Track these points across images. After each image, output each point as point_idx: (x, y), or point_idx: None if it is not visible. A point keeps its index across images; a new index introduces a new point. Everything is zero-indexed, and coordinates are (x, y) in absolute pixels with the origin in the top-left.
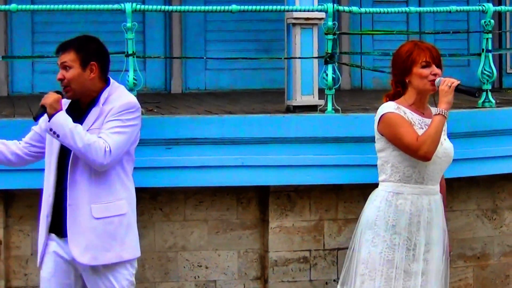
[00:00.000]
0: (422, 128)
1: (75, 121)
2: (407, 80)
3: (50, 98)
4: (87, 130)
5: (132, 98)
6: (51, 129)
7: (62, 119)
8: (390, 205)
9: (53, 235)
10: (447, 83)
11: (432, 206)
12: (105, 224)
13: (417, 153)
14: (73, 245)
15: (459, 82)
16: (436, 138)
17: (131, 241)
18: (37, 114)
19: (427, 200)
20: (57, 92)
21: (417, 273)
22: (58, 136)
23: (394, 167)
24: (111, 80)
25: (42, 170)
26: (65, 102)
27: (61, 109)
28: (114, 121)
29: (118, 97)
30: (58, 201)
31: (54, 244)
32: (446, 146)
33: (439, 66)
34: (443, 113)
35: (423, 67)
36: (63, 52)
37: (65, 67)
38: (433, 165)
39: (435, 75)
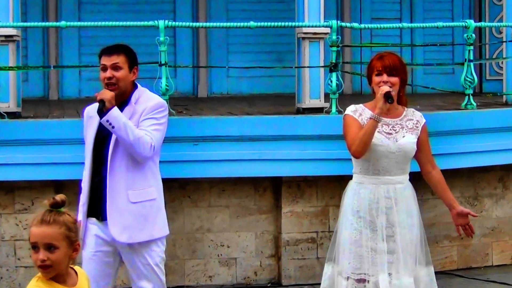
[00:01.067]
0: (378, 128)
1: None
2: (371, 86)
3: (107, 94)
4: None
5: (160, 99)
6: (107, 121)
7: (117, 113)
8: (355, 194)
9: (93, 219)
10: (380, 91)
11: (391, 194)
12: (139, 207)
13: (349, 151)
14: (112, 226)
15: (388, 90)
16: (364, 139)
17: (160, 222)
18: (99, 108)
19: (385, 189)
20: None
21: (383, 251)
22: (113, 127)
23: (356, 161)
24: (138, 84)
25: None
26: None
27: (115, 104)
28: (150, 119)
29: (148, 98)
30: (96, 189)
31: (95, 228)
32: (401, 142)
33: (394, 75)
34: (374, 118)
35: (376, 75)
36: (114, 54)
37: (116, 67)
38: (386, 159)
39: (385, 82)
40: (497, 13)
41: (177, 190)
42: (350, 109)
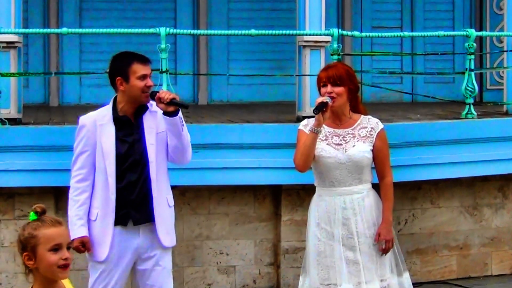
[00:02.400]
0: (327, 139)
1: (127, 122)
2: None
3: (174, 93)
4: (159, 133)
5: None
6: (181, 118)
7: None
8: (316, 206)
9: (118, 227)
10: (315, 103)
11: (347, 205)
12: (172, 212)
13: (294, 164)
14: (160, 230)
15: (320, 101)
16: (304, 152)
17: None
18: (178, 103)
19: (342, 200)
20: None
21: (347, 261)
22: (183, 124)
23: (314, 174)
24: None
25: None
26: (103, 113)
27: None
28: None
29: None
30: (118, 195)
31: (120, 236)
32: (350, 153)
33: (339, 85)
34: (314, 130)
35: (322, 86)
36: (148, 63)
37: (150, 76)
38: (338, 170)
39: (329, 93)
40: (498, 22)
41: (176, 197)
42: (302, 123)
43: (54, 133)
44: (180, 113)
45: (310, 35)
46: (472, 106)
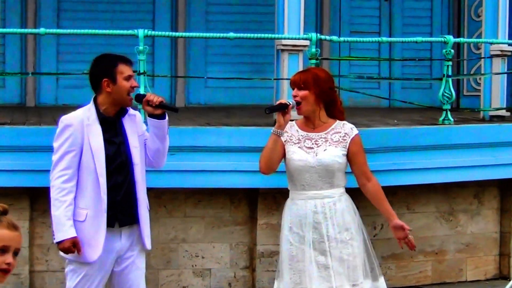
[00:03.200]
0: (299, 143)
1: (111, 123)
2: None
3: (160, 97)
4: (140, 136)
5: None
6: (168, 121)
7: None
8: (288, 210)
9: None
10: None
11: (318, 209)
12: (148, 214)
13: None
14: (144, 232)
15: (279, 102)
16: (265, 154)
17: None
18: (165, 106)
19: (313, 204)
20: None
21: (320, 265)
22: (168, 128)
23: (287, 178)
24: None
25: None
26: (86, 113)
27: None
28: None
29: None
30: (108, 197)
31: (106, 238)
32: (320, 156)
33: (303, 88)
34: (275, 132)
35: (292, 90)
36: (131, 65)
37: (134, 77)
38: (308, 174)
39: (295, 96)
40: (475, 29)
41: (152, 199)
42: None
43: (30, 134)
44: (167, 117)
45: (288, 39)
46: (449, 112)
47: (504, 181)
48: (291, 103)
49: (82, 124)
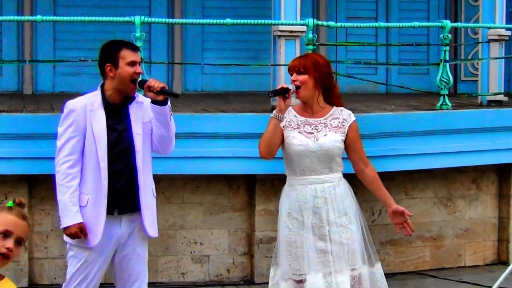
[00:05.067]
0: (299, 128)
1: (116, 109)
2: None
3: (163, 82)
4: (145, 123)
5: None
6: (169, 107)
7: (146, 99)
8: (286, 195)
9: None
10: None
11: (318, 193)
12: (155, 202)
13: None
14: (146, 220)
15: (281, 86)
16: (265, 138)
17: None
18: (167, 92)
19: (313, 189)
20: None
21: (319, 250)
22: (171, 114)
23: (285, 163)
24: None
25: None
26: (92, 99)
27: None
28: None
29: (140, 95)
30: (108, 184)
31: (105, 224)
32: (321, 141)
33: (303, 73)
34: (275, 116)
35: (291, 75)
36: (137, 51)
37: (140, 63)
38: (309, 158)
39: (294, 81)
40: (473, 14)
41: None
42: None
43: (28, 121)
44: (169, 102)
45: (285, 25)
46: (446, 97)
47: (503, 166)
48: (292, 87)
49: (85, 109)
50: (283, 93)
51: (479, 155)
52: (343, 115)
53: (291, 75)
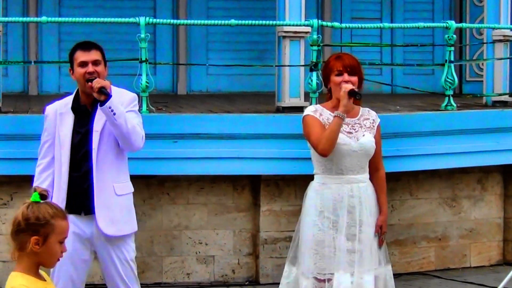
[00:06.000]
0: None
1: (85, 112)
2: (329, 86)
3: (105, 82)
4: None
5: (131, 93)
6: (110, 107)
7: (116, 100)
8: (318, 194)
9: (70, 216)
10: (343, 89)
11: (354, 193)
12: (124, 200)
13: (316, 149)
14: (100, 219)
15: (351, 88)
16: (330, 136)
17: (134, 216)
18: (106, 93)
19: (349, 188)
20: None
21: (346, 250)
22: (114, 114)
23: (318, 161)
24: None
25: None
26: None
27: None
28: (131, 113)
29: (119, 92)
30: (75, 185)
31: (72, 225)
32: (362, 141)
33: (353, 74)
34: (339, 115)
35: (337, 75)
36: (93, 50)
37: (96, 62)
38: (349, 158)
39: (346, 81)
40: (477, 15)
41: (155, 187)
42: (310, 109)
43: (33, 122)
44: (110, 103)
45: (290, 25)
46: (451, 98)
47: (507, 167)
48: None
49: (56, 113)
50: (356, 94)
51: (484, 155)
52: (371, 116)
53: (338, 74)
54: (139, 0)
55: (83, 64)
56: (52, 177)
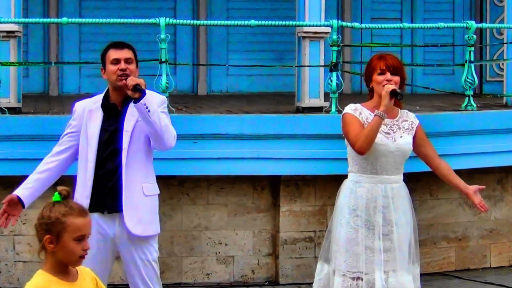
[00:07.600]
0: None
1: (114, 110)
2: (371, 86)
3: (140, 80)
4: (140, 120)
5: (162, 95)
6: (145, 104)
7: (150, 97)
8: (351, 192)
9: (94, 214)
10: (385, 89)
11: (388, 193)
12: (151, 201)
13: (354, 147)
14: (128, 218)
15: (393, 88)
16: (369, 135)
17: (158, 218)
18: (140, 90)
19: (383, 188)
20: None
21: (379, 249)
22: (149, 111)
23: (353, 160)
24: None
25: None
26: (96, 99)
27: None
28: (162, 113)
29: (150, 93)
30: (100, 183)
31: (95, 225)
32: (400, 142)
33: (396, 74)
34: (379, 115)
35: (379, 74)
36: (126, 49)
37: (128, 61)
38: (385, 158)
39: (389, 81)
40: (498, 15)
41: (175, 187)
42: (350, 108)
43: (54, 123)
44: (144, 100)
45: (309, 26)
46: (471, 98)
47: None
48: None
49: (84, 110)
50: (398, 94)
51: (504, 155)
52: (410, 117)
53: (380, 74)
54: (159, 1)
55: (116, 61)
56: (57, 163)
